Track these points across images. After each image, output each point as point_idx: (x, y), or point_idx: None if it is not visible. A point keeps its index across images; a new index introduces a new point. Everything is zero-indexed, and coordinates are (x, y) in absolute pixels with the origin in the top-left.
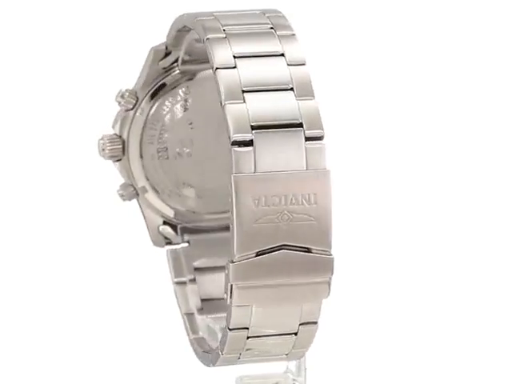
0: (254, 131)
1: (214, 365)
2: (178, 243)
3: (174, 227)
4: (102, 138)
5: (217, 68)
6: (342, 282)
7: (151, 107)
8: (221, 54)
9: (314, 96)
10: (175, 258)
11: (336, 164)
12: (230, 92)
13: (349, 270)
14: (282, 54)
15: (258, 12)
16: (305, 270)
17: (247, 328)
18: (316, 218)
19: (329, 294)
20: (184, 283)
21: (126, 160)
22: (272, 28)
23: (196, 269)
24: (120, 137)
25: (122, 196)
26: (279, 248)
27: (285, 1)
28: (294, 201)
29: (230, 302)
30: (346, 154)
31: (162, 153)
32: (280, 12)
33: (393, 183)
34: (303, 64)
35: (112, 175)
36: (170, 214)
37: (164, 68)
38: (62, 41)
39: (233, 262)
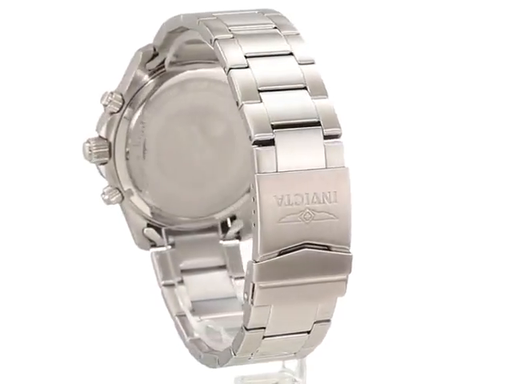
0: (274, 130)
1: (221, 366)
2: (162, 245)
3: (158, 230)
4: (87, 141)
5: (230, 68)
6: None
7: (133, 115)
8: (232, 54)
9: (327, 94)
10: (161, 261)
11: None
12: (246, 92)
13: (358, 268)
14: (291, 53)
15: (256, 12)
16: (324, 269)
17: (264, 328)
18: (336, 216)
19: (345, 292)
20: (172, 285)
21: (112, 163)
22: (276, 28)
23: (182, 270)
24: (106, 139)
25: (106, 200)
26: (301, 247)
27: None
28: (315, 199)
29: (251, 303)
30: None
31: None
32: (278, 12)
33: (409, 180)
34: (313, 63)
35: (95, 179)
36: (148, 212)
37: (150, 70)
38: (37, 45)
39: (256, 262)
